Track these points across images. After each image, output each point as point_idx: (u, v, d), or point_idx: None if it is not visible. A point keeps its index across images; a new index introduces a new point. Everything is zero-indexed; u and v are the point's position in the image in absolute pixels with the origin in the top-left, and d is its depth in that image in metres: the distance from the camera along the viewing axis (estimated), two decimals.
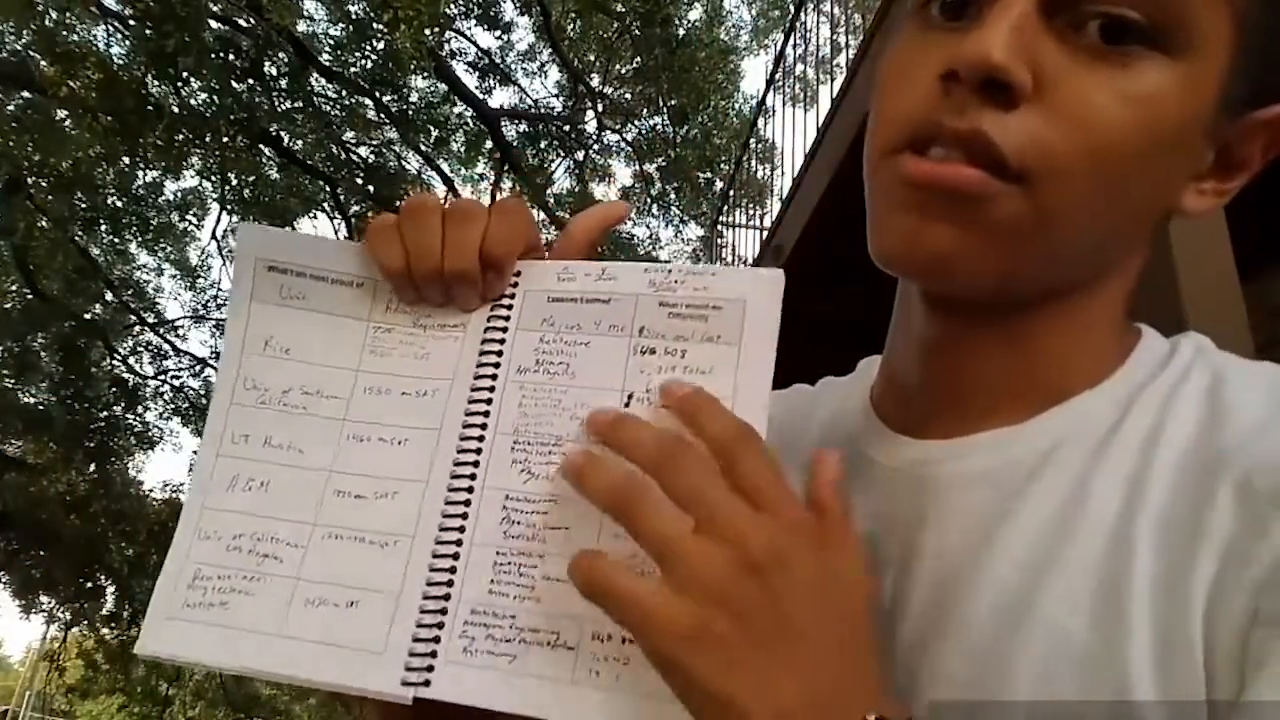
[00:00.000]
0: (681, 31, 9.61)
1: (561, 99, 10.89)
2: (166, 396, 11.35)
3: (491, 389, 0.45)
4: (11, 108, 8.10)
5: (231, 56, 7.96)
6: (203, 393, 11.62)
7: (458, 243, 0.45)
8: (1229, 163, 0.43)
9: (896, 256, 0.41)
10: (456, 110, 10.35)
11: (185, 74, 7.62)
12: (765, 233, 4.70)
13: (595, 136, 10.92)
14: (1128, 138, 0.38)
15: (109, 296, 10.55)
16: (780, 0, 11.01)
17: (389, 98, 9.56)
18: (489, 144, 10.54)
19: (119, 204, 9.77)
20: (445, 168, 10.67)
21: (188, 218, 10.77)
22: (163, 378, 11.32)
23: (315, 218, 10.40)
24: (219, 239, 10.91)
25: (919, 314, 0.46)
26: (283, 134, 9.01)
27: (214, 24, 7.60)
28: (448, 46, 9.79)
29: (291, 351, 0.48)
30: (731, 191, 6.19)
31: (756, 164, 6.47)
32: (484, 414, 0.44)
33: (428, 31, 7.46)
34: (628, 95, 10.49)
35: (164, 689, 13.00)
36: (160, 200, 10.24)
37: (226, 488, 0.45)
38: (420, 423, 0.45)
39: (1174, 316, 1.46)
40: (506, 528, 0.42)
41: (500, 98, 12.42)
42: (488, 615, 0.40)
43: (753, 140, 6.04)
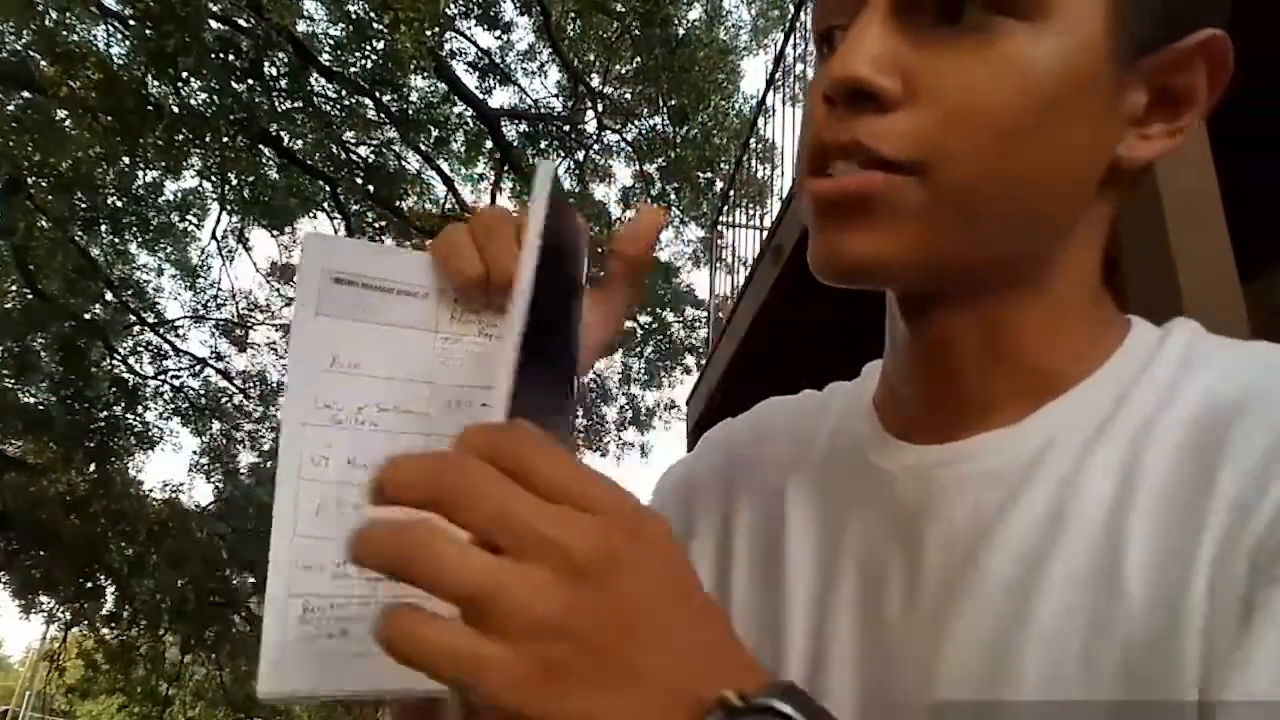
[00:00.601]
0: (681, 31, 9.61)
1: (561, 99, 10.90)
2: (166, 396, 11.36)
3: None
4: (11, 108, 8.10)
5: (231, 56, 7.97)
6: (202, 393, 11.64)
7: None
8: (1172, 99, 0.43)
9: (824, 270, 0.43)
10: (456, 110, 10.36)
11: (185, 74, 7.62)
12: (765, 233, 4.70)
13: (595, 136, 10.93)
14: (1001, 107, 0.39)
15: (109, 296, 10.55)
16: (780, 0, 11.01)
17: (389, 98, 9.56)
18: (489, 144, 10.54)
19: (119, 204, 9.77)
20: (445, 168, 10.68)
21: (188, 218, 10.78)
22: (163, 378, 11.34)
23: (315, 218, 10.41)
24: (219, 239, 10.92)
25: (898, 318, 0.48)
26: (283, 134, 9.02)
27: (214, 24, 7.60)
28: (448, 46, 9.79)
29: (361, 366, 0.46)
30: (731, 191, 6.20)
31: (756, 164, 6.47)
32: None
33: (428, 31, 7.47)
34: (628, 95, 10.50)
35: (164, 689, 13.00)
36: (160, 200, 10.25)
37: (315, 513, 0.43)
38: None
39: (1174, 316, 1.46)
40: None
41: (500, 98, 12.42)
42: None
43: (753, 140, 6.04)
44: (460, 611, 0.27)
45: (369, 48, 9.02)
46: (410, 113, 9.88)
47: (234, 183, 9.68)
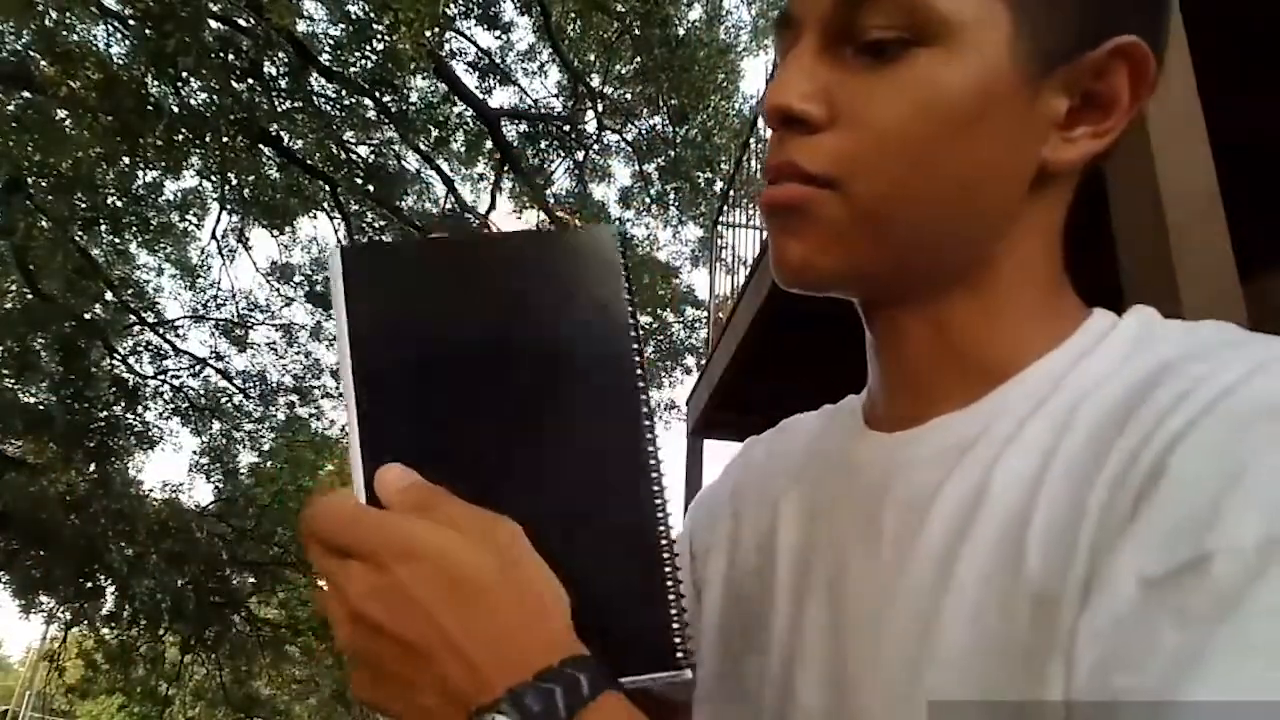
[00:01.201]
0: (681, 31, 9.61)
1: (561, 99, 10.90)
2: (166, 396, 11.36)
3: None
4: (11, 108, 8.09)
5: (231, 56, 7.97)
6: (202, 393, 11.64)
7: None
8: (1097, 103, 0.46)
9: (775, 274, 0.49)
10: (456, 110, 10.35)
11: (185, 74, 7.62)
12: (765, 233, 4.71)
13: (595, 136, 10.93)
14: (908, 125, 0.44)
15: (109, 296, 10.55)
16: (780, 1, 11.01)
17: (389, 98, 9.56)
18: (489, 144, 10.54)
19: (119, 204, 9.77)
20: (445, 168, 10.68)
21: (188, 218, 10.78)
22: (163, 378, 11.34)
23: (315, 218, 10.41)
24: (219, 239, 10.92)
25: (865, 323, 0.53)
26: (283, 134, 9.02)
27: (214, 24, 7.60)
28: (448, 46, 9.79)
29: None
30: (731, 191, 6.20)
31: (756, 164, 6.48)
32: None
33: (427, 32, 7.47)
34: (628, 95, 10.50)
35: (164, 689, 13.00)
36: (160, 200, 10.24)
37: None
38: None
39: (1174, 316, 1.46)
40: None
41: (500, 98, 12.43)
42: None
43: (753, 140, 6.04)
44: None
45: (369, 48, 9.02)
46: (410, 113, 9.88)
47: (234, 183, 9.68)
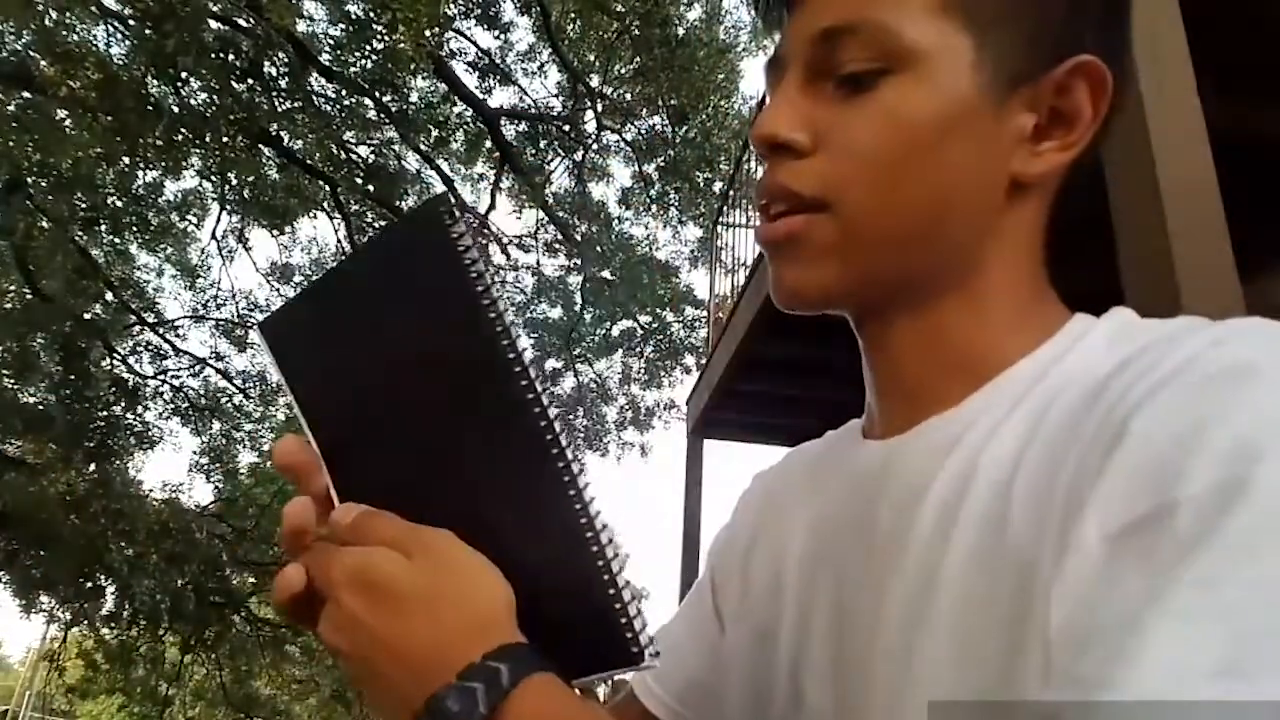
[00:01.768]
0: (681, 31, 9.61)
1: (561, 99, 10.89)
2: (166, 396, 11.36)
3: None
4: (11, 108, 8.09)
5: (231, 56, 7.96)
6: (202, 393, 11.63)
7: None
8: (1062, 119, 0.49)
9: (778, 301, 0.53)
10: (456, 110, 10.35)
11: (185, 74, 7.62)
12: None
13: (595, 136, 10.93)
14: (883, 144, 0.47)
15: (109, 296, 10.55)
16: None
17: (389, 98, 9.56)
18: (489, 144, 10.54)
19: (119, 204, 9.76)
20: (445, 167, 10.68)
21: (188, 218, 10.77)
22: (163, 378, 11.33)
23: (315, 218, 10.41)
24: (219, 239, 10.92)
25: (858, 337, 0.55)
26: (283, 134, 9.01)
27: (214, 24, 7.60)
28: (447, 46, 9.79)
29: None
30: (731, 191, 6.20)
31: (756, 164, 6.48)
32: None
33: (427, 32, 7.46)
34: (628, 95, 10.49)
35: (164, 689, 13.00)
36: (160, 200, 10.24)
37: None
38: None
39: (1174, 316, 1.46)
40: None
41: (500, 98, 12.44)
42: None
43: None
44: None
45: (369, 48, 9.01)
46: (410, 113, 9.88)
47: (234, 183, 9.67)
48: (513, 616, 0.43)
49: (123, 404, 10.72)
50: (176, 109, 7.75)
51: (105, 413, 10.56)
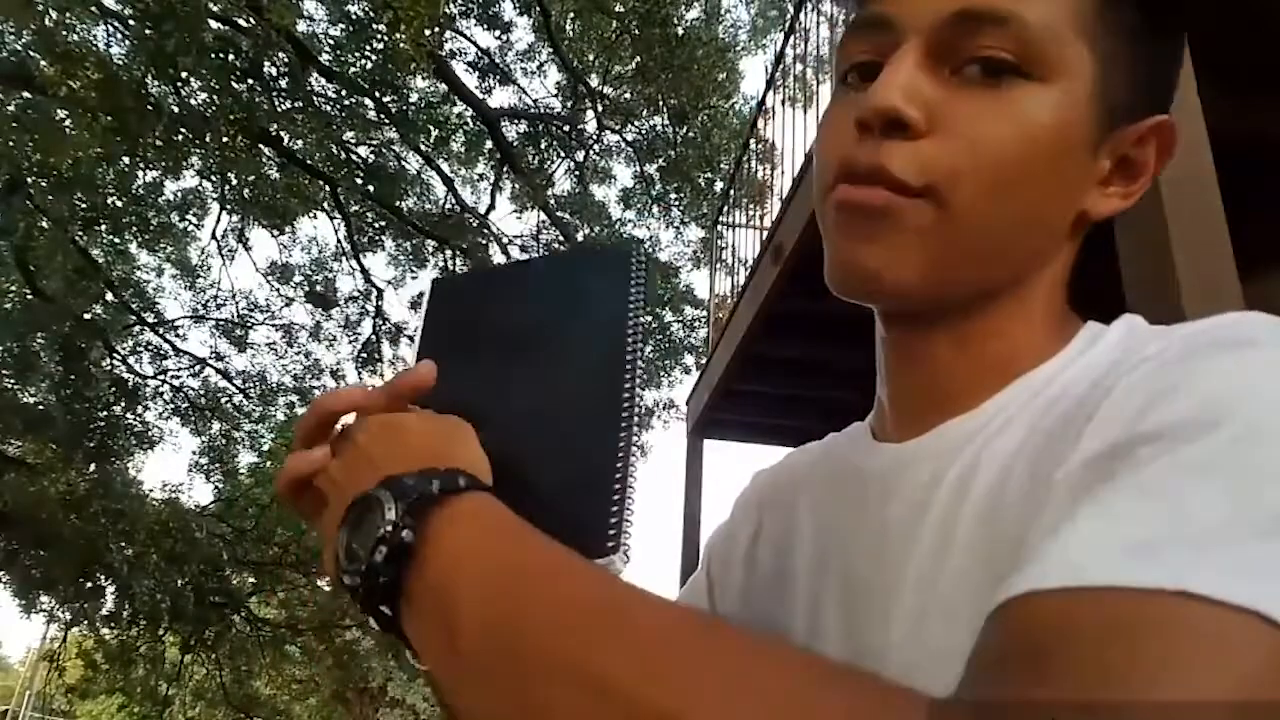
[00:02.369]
0: (681, 31, 9.61)
1: (561, 99, 10.89)
2: (166, 396, 11.36)
3: None
4: (11, 108, 8.09)
5: (231, 56, 7.96)
6: (202, 393, 11.63)
7: None
8: (1129, 169, 0.50)
9: (838, 280, 0.50)
10: (456, 110, 10.35)
11: (185, 74, 7.62)
12: (765, 233, 4.71)
13: (595, 137, 10.93)
14: (1009, 148, 0.46)
15: (109, 296, 10.55)
16: (778, 0, 11.01)
17: (389, 98, 9.56)
18: (489, 144, 10.54)
19: (119, 204, 9.76)
20: (445, 168, 10.68)
21: (188, 218, 10.77)
22: (163, 378, 11.33)
23: (315, 218, 10.41)
24: (219, 239, 10.92)
25: (882, 331, 0.54)
26: (283, 134, 9.01)
27: (214, 24, 7.60)
28: (448, 46, 9.79)
29: None
30: (731, 191, 6.20)
31: (756, 164, 6.47)
32: None
33: (427, 31, 7.46)
34: (628, 95, 10.49)
35: (164, 689, 13.00)
36: (160, 200, 10.24)
37: None
38: None
39: (1174, 317, 1.46)
40: None
41: (500, 98, 12.43)
42: None
43: (753, 140, 6.04)
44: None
45: (369, 48, 9.01)
46: (410, 113, 9.88)
47: (234, 183, 9.67)
48: (486, 477, 0.48)
49: (123, 404, 10.72)
50: (176, 109, 7.75)
51: (105, 413, 10.57)
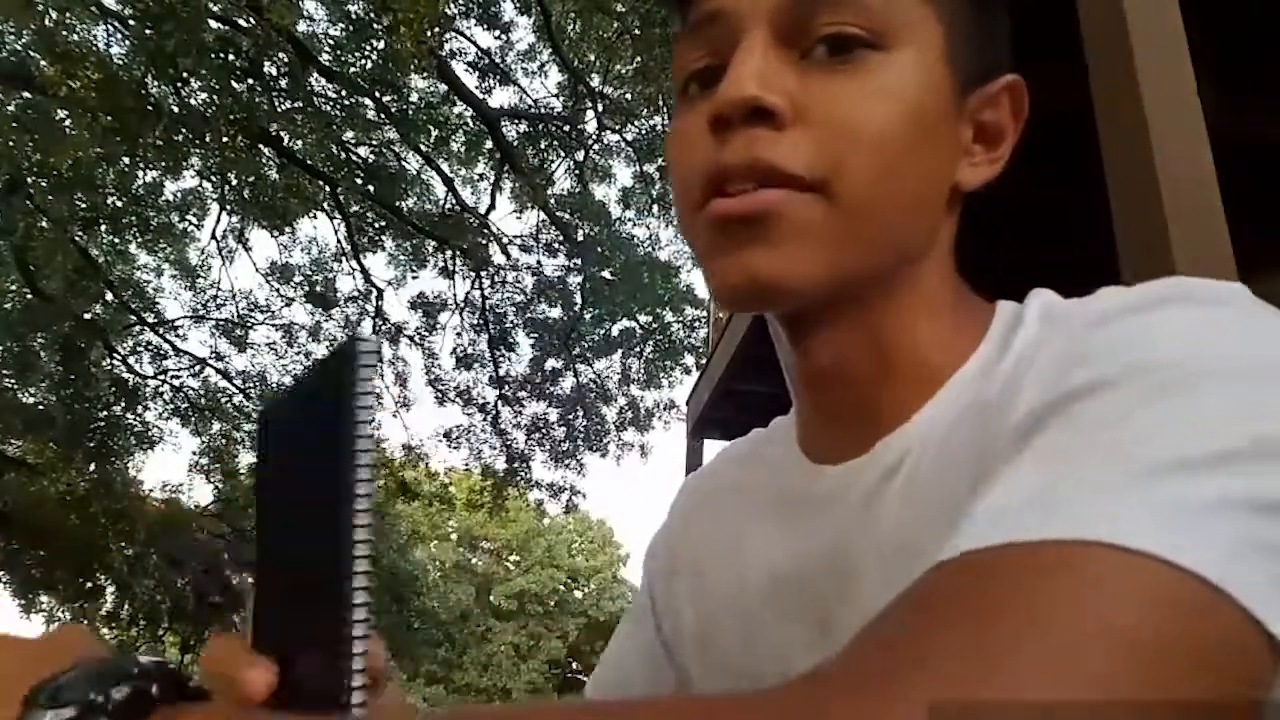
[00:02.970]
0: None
1: (561, 99, 10.89)
2: (166, 396, 11.35)
3: None
4: (11, 108, 8.09)
5: (231, 56, 7.96)
6: (202, 393, 11.63)
7: None
8: (988, 134, 0.49)
9: (732, 295, 0.45)
10: (456, 110, 10.35)
11: (185, 74, 7.62)
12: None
13: (595, 136, 10.93)
14: (885, 125, 0.43)
15: (109, 296, 10.54)
16: None
17: (389, 98, 9.55)
18: (489, 144, 10.54)
19: (119, 204, 9.76)
20: (445, 168, 10.67)
21: (188, 218, 10.77)
22: (163, 378, 11.32)
23: (315, 218, 10.40)
24: (219, 239, 10.92)
25: (787, 347, 0.51)
26: (283, 134, 9.01)
27: (214, 24, 7.60)
28: (448, 46, 9.79)
29: None
30: None
31: None
32: None
33: (428, 32, 7.46)
34: (628, 95, 10.49)
35: None
36: (160, 200, 10.23)
37: None
38: None
39: None
40: None
41: (500, 98, 12.43)
42: None
43: None
44: None
45: (369, 48, 9.01)
46: (410, 113, 9.87)
47: (234, 183, 9.67)
48: None
49: (123, 404, 10.71)
50: (176, 109, 7.75)
51: (105, 413, 10.56)
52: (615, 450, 11.71)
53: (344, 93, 9.31)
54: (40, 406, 10.24)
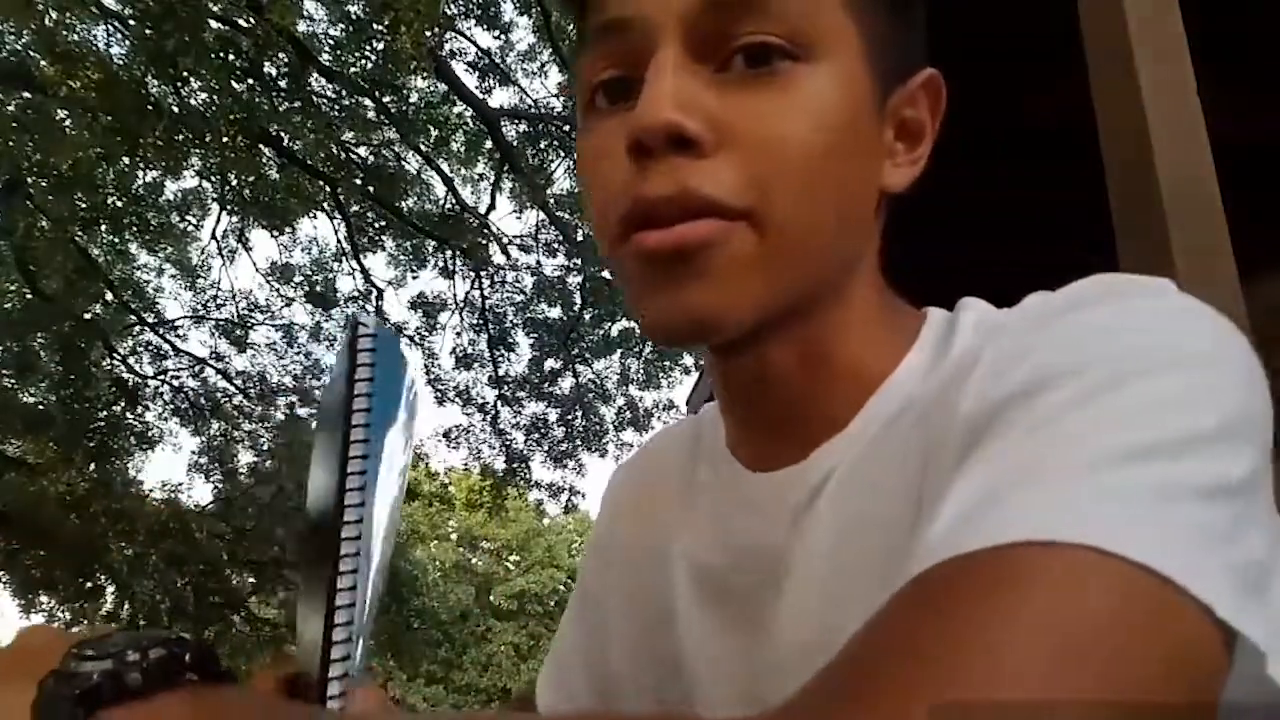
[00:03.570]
0: None
1: (561, 99, 10.89)
2: (166, 396, 11.35)
3: None
4: (11, 108, 8.09)
5: (231, 56, 7.96)
6: (202, 393, 11.63)
7: None
8: (908, 133, 0.48)
9: (668, 333, 0.43)
10: (456, 110, 10.34)
11: (185, 74, 7.62)
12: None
13: None
14: (811, 143, 0.41)
15: (109, 296, 10.54)
16: None
17: (389, 98, 9.55)
18: (489, 144, 10.53)
19: (119, 204, 9.75)
20: (445, 168, 10.67)
21: (188, 218, 10.76)
22: (163, 378, 11.32)
23: (315, 218, 10.40)
24: (219, 239, 10.91)
25: (718, 367, 0.49)
26: (283, 134, 9.01)
27: (214, 24, 7.60)
28: (448, 46, 9.79)
29: None
30: None
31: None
32: None
33: (428, 32, 7.46)
34: None
35: None
36: (160, 200, 10.23)
37: None
38: None
39: None
40: None
41: (500, 98, 12.42)
42: None
43: None
44: None
45: (369, 48, 9.01)
46: (410, 113, 9.87)
47: (234, 183, 9.67)
48: None
49: (123, 404, 10.71)
50: (176, 109, 7.75)
51: (105, 413, 10.56)
52: (614, 450, 11.72)
53: (344, 93, 9.31)
54: (40, 406, 10.23)
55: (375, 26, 8.63)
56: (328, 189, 9.78)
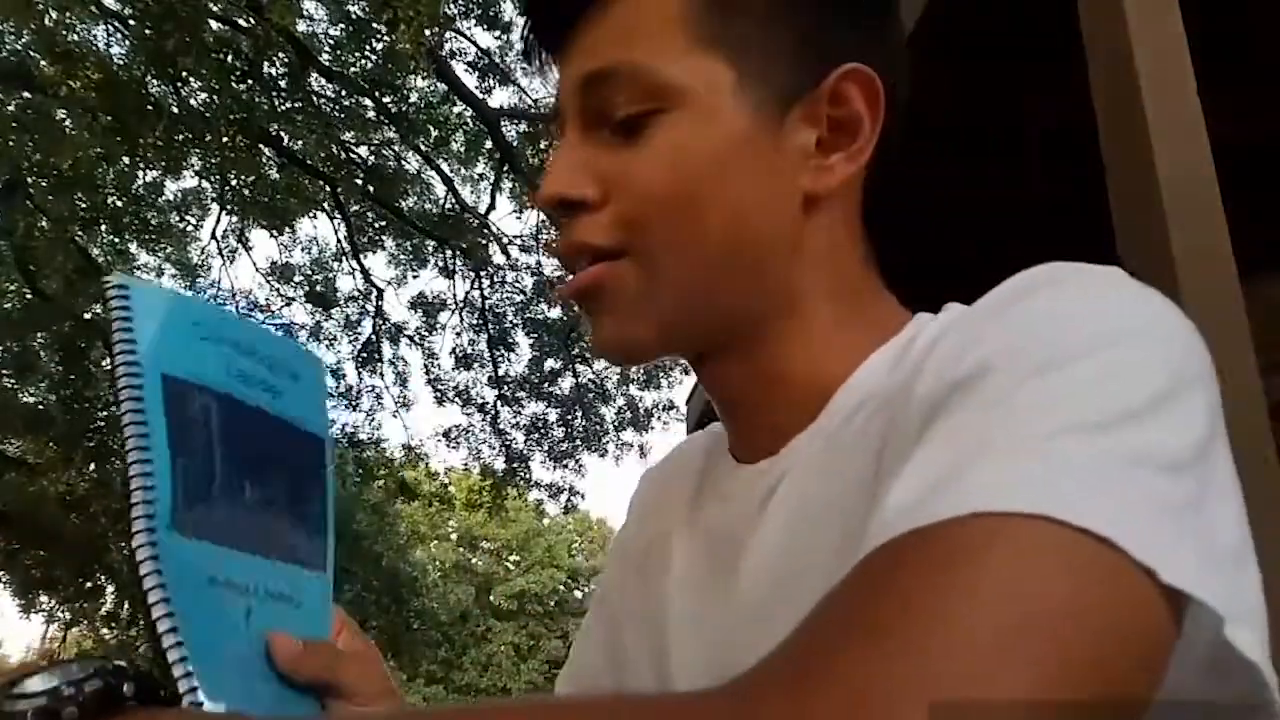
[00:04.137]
0: None
1: None
2: None
3: None
4: (11, 108, 8.09)
5: (231, 56, 7.96)
6: None
7: None
8: (842, 129, 0.50)
9: (602, 356, 0.53)
10: (456, 110, 10.35)
11: (185, 74, 7.62)
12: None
13: None
14: (670, 183, 0.47)
15: None
16: None
17: (389, 98, 9.56)
18: (489, 144, 10.54)
19: (119, 204, 9.76)
20: (445, 168, 10.67)
21: (188, 218, 10.77)
22: None
23: (315, 217, 10.41)
24: (219, 239, 10.92)
25: (696, 374, 0.55)
26: (283, 134, 9.01)
27: (214, 24, 7.60)
28: (447, 46, 9.79)
29: None
30: None
31: None
32: None
33: (427, 31, 7.47)
34: None
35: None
36: (160, 200, 10.23)
37: None
38: None
39: None
40: None
41: (500, 98, 12.43)
42: None
43: None
44: None
45: (369, 48, 9.01)
46: (410, 113, 9.87)
47: (234, 183, 9.67)
48: None
49: None
50: (176, 109, 7.75)
51: (105, 413, 10.56)
52: (614, 450, 11.72)
53: (344, 93, 9.31)
54: (40, 406, 10.24)
55: (375, 26, 8.64)
56: (328, 189, 9.79)
